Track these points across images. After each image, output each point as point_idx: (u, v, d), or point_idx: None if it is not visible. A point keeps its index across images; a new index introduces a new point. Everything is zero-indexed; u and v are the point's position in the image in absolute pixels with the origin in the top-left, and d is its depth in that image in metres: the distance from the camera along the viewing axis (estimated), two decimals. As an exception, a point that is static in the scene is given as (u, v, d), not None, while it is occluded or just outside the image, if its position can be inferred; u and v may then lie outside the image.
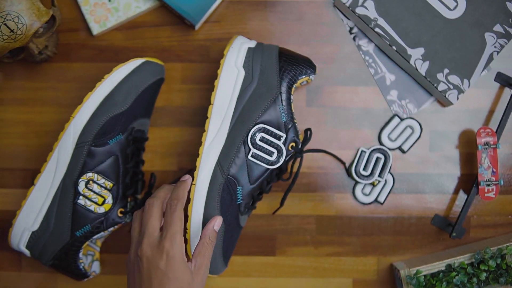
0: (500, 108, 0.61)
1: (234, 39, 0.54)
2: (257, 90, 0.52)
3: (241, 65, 0.52)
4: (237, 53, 0.53)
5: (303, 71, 0.54)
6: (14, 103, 0.60)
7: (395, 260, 0.61)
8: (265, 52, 0.54)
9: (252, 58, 0.53)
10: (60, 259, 0.53)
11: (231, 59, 0.52)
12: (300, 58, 0.55)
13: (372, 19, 0.58)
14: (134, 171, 0.55)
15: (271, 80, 0.52)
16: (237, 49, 0.53)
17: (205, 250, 0.47)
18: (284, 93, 0.52)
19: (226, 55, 0.52)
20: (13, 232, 0.53)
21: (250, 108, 0.51)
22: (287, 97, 0.52)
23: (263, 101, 0.52)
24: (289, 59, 0.54)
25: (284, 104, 0.52)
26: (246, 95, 0.52)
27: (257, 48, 0.54)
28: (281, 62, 0.53)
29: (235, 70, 0.52)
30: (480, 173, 0.58)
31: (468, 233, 0.61)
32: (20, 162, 0.59)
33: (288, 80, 0.53)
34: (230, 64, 0.52)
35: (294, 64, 0.53)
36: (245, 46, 0.54)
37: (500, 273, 0.56)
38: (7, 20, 0.49)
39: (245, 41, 0.54)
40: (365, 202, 0.60)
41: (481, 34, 0.58)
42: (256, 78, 0.52)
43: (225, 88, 0.52)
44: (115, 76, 0.54)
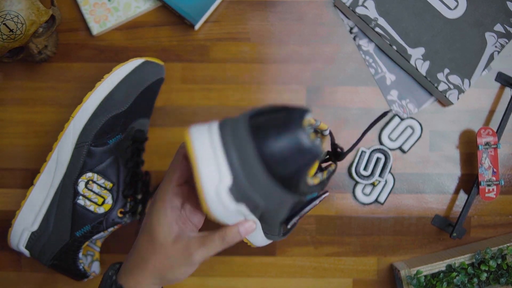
0: (500, 108, 0.61)
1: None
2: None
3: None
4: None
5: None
6: (14, 103, 0.59)
7: (395, 260, 0.60)
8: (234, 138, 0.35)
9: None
10: (60, 259, 0.53)
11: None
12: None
13: (372, 19, 0.58)
14: (134, 171, 0.55)
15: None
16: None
17: (210, 244, 0.39)
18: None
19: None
20: (12, 232, 0.53)
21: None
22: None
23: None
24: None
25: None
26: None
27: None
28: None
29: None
30: (480, 173, 0.57)
31: (468, 233, 0.61)
32: (19, 162, 0.59)
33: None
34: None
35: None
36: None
37: (500, 273, 0.56)
38: (7, 20, 0.49)
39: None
40: (365, 202, 0.60)
41: (482, 33, 0.58)
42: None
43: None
44: (115, 76, 0.54)
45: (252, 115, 0.35)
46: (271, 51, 0.60)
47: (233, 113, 0.60)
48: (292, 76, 0.60)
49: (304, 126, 0.33)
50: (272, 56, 0.60)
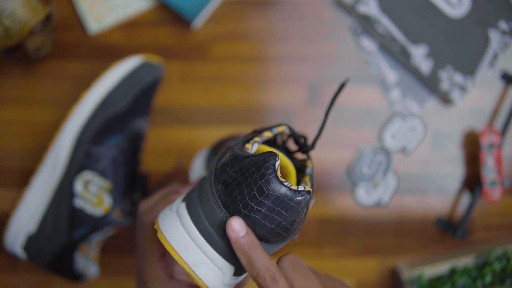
0: (504, 107, 0.60)
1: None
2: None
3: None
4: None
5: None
6: (10, 102, 0.59)
7: (398, 262, 0.60)
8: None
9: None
10: (57, 260, 0.53)
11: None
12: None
13: (374, 17, 0.58)
14: (132, 171, 0.55)
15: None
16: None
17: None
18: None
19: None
20: (7, 234, 0.52)
21: None
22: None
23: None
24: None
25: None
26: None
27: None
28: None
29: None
30: (484, 174, 0.57)
31: (472, 235, 0.60)
32: (15, 161, 0.59)
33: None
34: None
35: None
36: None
37: (505, 275, 0.55)
38: (2, 18, 0.48)
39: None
40: (367, 202, 0.60)
41: (485, 32, 0.58)
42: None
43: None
44: (112, 74, 0.53)
45: (217, 180, 0.32)
46: (271, 50, 0.60)
47: (232, 113, 0.59)
48: (292, 75, 0.60)
49: (281, 177, 0.30)
50: (273, 55, 0.60)
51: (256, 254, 0.30)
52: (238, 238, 0.30)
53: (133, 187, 0.55)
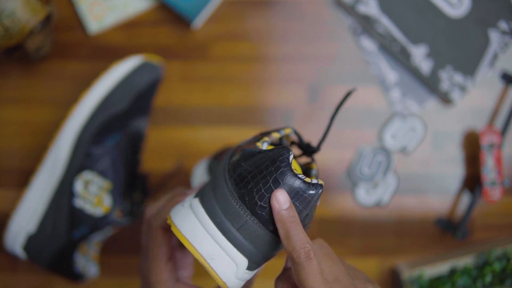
0: (504, 107, 0.60)
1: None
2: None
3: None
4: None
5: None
6: (10, 102, 0.59)
7: (398, 262, 0.60)
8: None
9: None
10: (57, 261, 0.53)
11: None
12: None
13: (374, 17, 0.58)
14: (132, 171, 0.55)
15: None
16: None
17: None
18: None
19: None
20: (7, 234, 0.52)
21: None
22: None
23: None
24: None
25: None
26: None
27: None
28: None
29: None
30: (484, 174, 0.57)
31: (472, 235, 0.60)
32: (15, 161, 0.59)
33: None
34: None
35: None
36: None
37: (505, 275, 0.55)
38: (2, 18, 0.48)
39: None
40: (367, 202, 0.60)
41: (485, 32, 0.58)
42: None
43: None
44: (112, 74, 0.53)
45: (231, 175, 0.33)
46: (271, 50, 0.60)
47: (232, 113, 0.59)
48: (292, 75, 0.60)
49: (295, 170, 0.31)
50: (273, 55, 0.60)
51: (295, 229, 0.31)
52: (281, 210, 0.31)
53: (133, 187, 0.55)
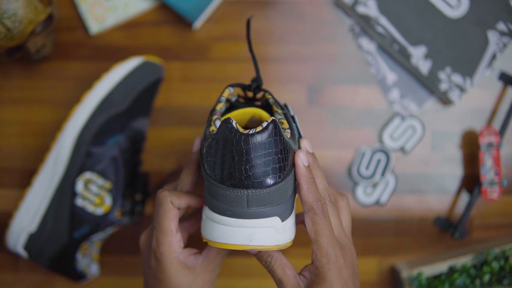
0: (503, 107, 0.60)
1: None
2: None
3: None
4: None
5: None
6: (11, 103, 0.59)
7: (397, 261, 0.60)
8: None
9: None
10: (58, 260, 0.53)
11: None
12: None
13: (374, 18, 0.58)
14: (133, 171, 0.55)
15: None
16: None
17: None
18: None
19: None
20: (9, 233, 0.53)
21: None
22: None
23: None
24: None
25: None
26: None
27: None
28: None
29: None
30: (482, 174, 0.57)
31: (470, 234, 0.60)
32: (17, 162, 0.59)
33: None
34: None
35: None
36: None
37: (503, 274, 0.56)
38: (4, 19, 0.48)
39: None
40: (367, 202, 0.60)
41: (484, 32, 0.58)
42: None
43: None
44: (113, 75, 0.53)
45: (209, 172, 0.35)
46: (271, 51, 0.60)
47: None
48: (292, 75, 0.60)
49: (244, 131, 0.33)
50: (273, 56, 0.60)
51: (314, 185, 0.35)
52: (304, 167, 0.35)
53: (133, 187, 0.55)
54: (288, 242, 0.36)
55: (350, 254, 0.37)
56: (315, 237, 0.35)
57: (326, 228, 0.35)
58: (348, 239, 0.38)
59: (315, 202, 0.35)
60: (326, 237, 0.35)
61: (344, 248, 0.36)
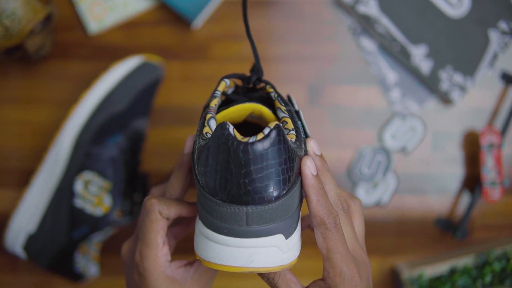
0: (504, 107, 0.60)
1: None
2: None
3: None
4: None
5: None
6: (10, 102, 0.59)
7: (398, 262, 0.60)
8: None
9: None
10: (57, 261, 0.53)
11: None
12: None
13: (374, 18, 0.58)
14: (132, 172, 0.55)
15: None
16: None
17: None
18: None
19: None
20: (8, 234, 0.52)
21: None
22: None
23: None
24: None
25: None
26: None
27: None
28: None
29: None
30: (484, 174, 0.57)
31: (472, 235, 0.60)
32: (15, 161, 0.59)
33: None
34: None
35: None
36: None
37: (504, 275, 0.55)
38: (3, 18, 0.48)
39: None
40: (367, 202, 0.60)
41: (485, 32, 0.58)
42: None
43: None
44: (113, 74, 0.53)
45: (203, 185, 0.31)
46: (271, 50, 0.60)
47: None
48: (293, 75, 0.60)
49: (243, 139, 0.28)
50: (273, 55, 0.60)
51: (324, 196, 0.32)
52: (312, 177, 0.32)
53: (133, 187, 0.55)
54: (292, 261, 0.32)
55: (365, 269, 0.34)
56: (327, 254, 0.32)
57: (340, 243, 0.32)
58: (363, 250, 0.35)
59: (327, 216, 0.32)
60: (339, 254, 0.32)
61: (359, 263, 0.33)
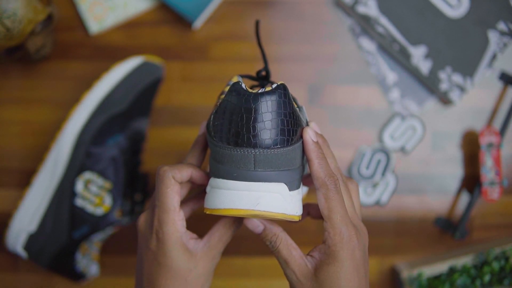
0: (503, 107, 0.60)
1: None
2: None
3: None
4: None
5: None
6: (11, 103, 0.59)
7: (397, 261, 0.60)
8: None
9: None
10: (58, 260, 0.53)
11: None
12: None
13: (374, 18, 0.58)
14: (132, 172, 0.55)
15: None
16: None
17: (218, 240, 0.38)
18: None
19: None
20: (8, 234, 0.53)
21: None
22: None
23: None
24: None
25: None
26: None
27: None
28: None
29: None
30: (483, 174, 0.57)
31: (471, 234, 0.60)
32: (16, 161, 0.59)
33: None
34: None
35: None
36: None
37: (503, 275, 0.56)
38: (4, 18, 0.48)
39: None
40: (367, 202, 0.60)
41: (484, 32, 0.58)
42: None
43: None
44: (113, 75, 0.53)
45: (215, 134, 0.35)
46: (271, 50, 0.60)
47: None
48: (292, 75, 0.60)
49: (252, 90, 0.33)
50: (273, 55, 0.60)
51: (325, 161, 0.34)
52: (313, 143, 0.34)
53: (133, 187, 0.55)
54: (295, 215, 0.34)
55: (363, 236, 0.35)
56: (328, 214, 0.33)
57: (340, 205, 0.33)
58: (360, 221, 0.37)
59: (328, 177, 0.33)
60: (340, 215, 0.33)
61: (357, 228, 0.34)
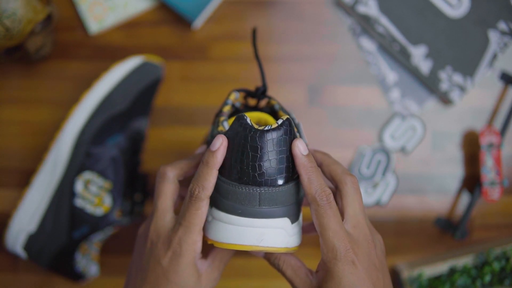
0: (504, 107, 0.60)
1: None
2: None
3: None
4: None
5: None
6: (10, 103, 0.59)
7: (398, 262, 0.60)
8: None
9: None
10: (57, 260, 0.53)
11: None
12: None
13: (374, 17, 0.58)
14: (132, 172, 0.55)
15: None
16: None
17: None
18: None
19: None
20: (8, 234, 0.53)
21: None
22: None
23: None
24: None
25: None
26: None
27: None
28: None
29: None
30: (483, 174, 0.57)
31: (471, 235, 0.60)
32: (16, 161, 0.59)
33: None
34: None
35: None
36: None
37: (504, 275, 0.56)
38: (3, 18, 0.48)
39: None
40: (367, 202, 0.60)
41: (485, 32, 0.58)
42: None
43: None
44: (113, 74, 0.53)
45: (220, 170, 0.35)
46: (271, 50, 0.60)
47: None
48: (292, 75, 0.60)
49: (259, 126, 0.33)
50: (273, 55, 0.60)
51: (316, 174, 0.33)
52: (303, 157, 0.33)
53: (133, 187, 0.55)
54: (296, 246, 0.35)
55: (365, 246, 0.34)
56: (320, 230, 0.33)
57: (332, 220, 0.33)
58: (368, 227, 0.35)
59: (318, 193, 0.33)
60: (331, 231, 0.33)
61: (355, 239, 0.33)
